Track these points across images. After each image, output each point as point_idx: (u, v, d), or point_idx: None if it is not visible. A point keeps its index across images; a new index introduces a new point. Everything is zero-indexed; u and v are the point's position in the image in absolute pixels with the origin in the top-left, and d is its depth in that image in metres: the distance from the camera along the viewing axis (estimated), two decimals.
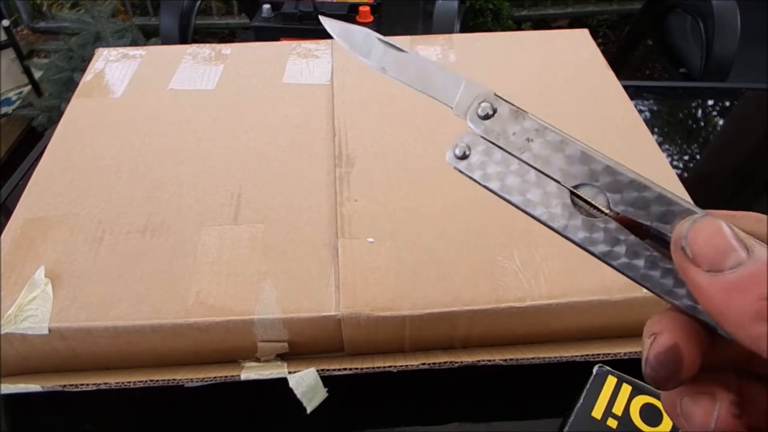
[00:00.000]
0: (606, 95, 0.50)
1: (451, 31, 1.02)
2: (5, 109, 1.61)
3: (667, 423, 0.30)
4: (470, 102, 0.21)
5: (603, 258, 0.19)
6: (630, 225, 0.19)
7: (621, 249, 0.18)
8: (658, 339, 0.17)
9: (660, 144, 0.61)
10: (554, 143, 0.20)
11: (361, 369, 0.35)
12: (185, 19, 1.09)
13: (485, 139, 0.21)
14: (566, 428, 0.30)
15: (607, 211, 0.19)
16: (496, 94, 0.21)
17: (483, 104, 0.21)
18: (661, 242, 0.18)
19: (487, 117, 0.21)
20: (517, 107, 0.21)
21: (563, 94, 0.51)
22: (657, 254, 0.18)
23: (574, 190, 0.19)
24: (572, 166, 0.19)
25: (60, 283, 0.36)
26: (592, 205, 0.19)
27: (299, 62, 0.55)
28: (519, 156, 0.20)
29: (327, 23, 0.24)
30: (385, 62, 0.23)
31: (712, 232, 0.16)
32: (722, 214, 0.17)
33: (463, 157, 0.21)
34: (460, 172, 0.21)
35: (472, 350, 0.37)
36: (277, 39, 0.89)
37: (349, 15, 1.08)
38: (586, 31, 0.59)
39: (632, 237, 0.18)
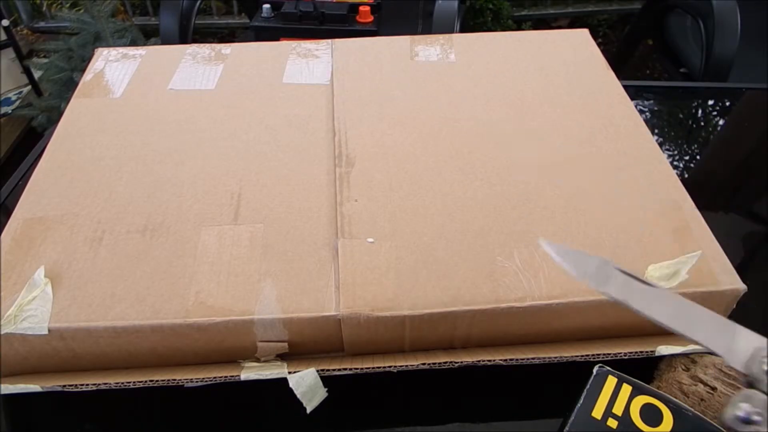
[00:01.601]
0: (606, 95, 0.50)
1: (451, 31, 1.02)
2: (5, 109, 1.61)
3: (667, 423, 0.30)
4: (749, 352, 0.18)
5: None
6: None
7: None
8: None
9: (660, 144, 0.61)
10: None
11: (361, 369, 0.35)
12: (185, 19, 1.09)
13: None
14: (566, 428, 0.30)
15: None
16: None
17: None
18: None
19: None
20: None
21: (563, 94, 0.51)
22: None
23: None
24: None
25: (60, 283, 0.36)
26: None
27: (299, 62, 0.55)
28: None
29: (549, 249, 0.22)
30: (627, 293, 0.21)
31: None
32: None
33: (750, 422, 0.18)
34: None
35: (472, 350, 0.37)
36: (277, 39, 0.89)
37: (349, 15, 1.08)
38: (586, 31, 0.59)
39: None
